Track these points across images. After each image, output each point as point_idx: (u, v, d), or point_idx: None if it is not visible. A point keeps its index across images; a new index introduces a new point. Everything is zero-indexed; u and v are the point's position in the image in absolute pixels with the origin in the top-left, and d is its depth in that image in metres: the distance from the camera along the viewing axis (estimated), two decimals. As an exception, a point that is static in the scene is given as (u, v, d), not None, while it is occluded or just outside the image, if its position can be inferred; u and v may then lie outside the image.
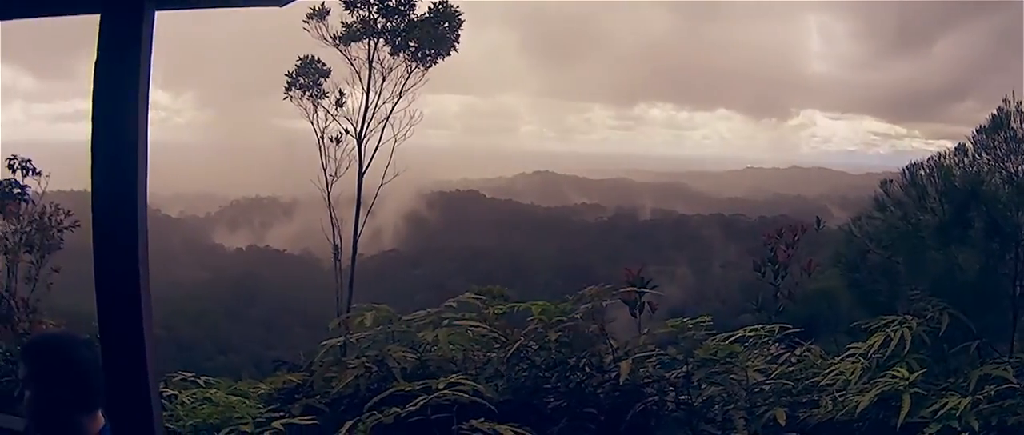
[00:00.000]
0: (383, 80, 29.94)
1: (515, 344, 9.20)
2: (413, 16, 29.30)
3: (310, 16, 29.35)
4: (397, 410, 7.78)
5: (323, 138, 30.92)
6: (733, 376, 8.76)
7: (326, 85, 30.87)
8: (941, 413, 7.68)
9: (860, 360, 8.72)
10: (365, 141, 30.45)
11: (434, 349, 9.27)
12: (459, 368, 9.23)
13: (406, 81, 30.11)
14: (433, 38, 29.23)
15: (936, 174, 10.62)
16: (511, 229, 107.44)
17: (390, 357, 8.87)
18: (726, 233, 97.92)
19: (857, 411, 8.02)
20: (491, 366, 9.49)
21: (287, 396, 9.53)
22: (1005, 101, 10.44)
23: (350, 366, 9.05)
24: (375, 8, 29.25)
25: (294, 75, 30.61)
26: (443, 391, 7.84)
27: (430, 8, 29.36)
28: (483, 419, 7.75)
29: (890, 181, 11.18)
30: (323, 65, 30.57)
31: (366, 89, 30.08)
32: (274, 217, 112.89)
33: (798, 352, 9.37)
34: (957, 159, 10.69)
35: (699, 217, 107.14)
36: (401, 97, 30.12)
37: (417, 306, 10.39)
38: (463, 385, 7.98)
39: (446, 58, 30.23)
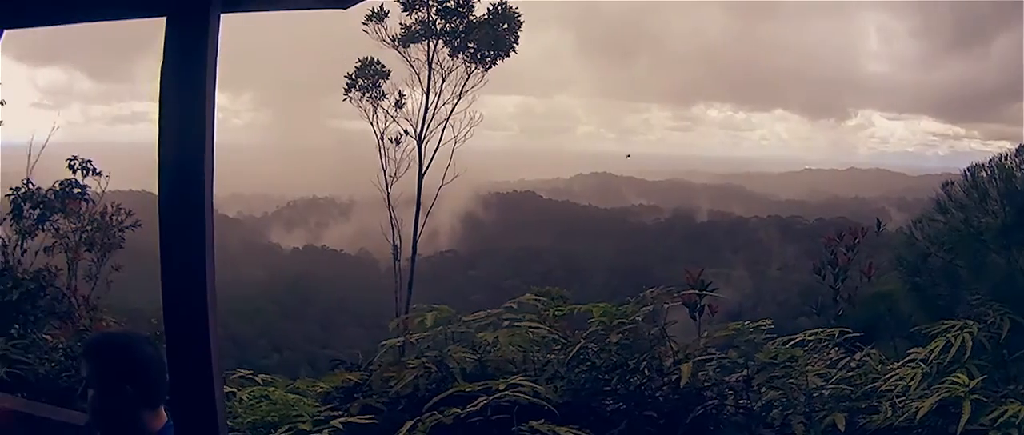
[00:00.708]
0: (442, 81, 29.95)
1: (576, 346, 9.16)
2: (472, 17, 29.27)
3: (369, 18, 29.38)
4: (457, 410, 7.76)
5: (383, 139, 31.00)
6: (792, 380, 8.66)
7: (385, 87, 30.98)
8: (1001, 420, 7.55)
9: (920, 365, 8.59)
10: (425, 142, 30.50)
11: (494, 350, 9.26)
12: (518, 369, 9.21)
13: (466, 82, 30.10)
14: (492, 39, 29.18)
15: (998, 176, 10.47)
16: (568, 230, 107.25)
17: (450, 358, 8.86)
18: (783, 235, 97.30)
19: (917, 417, 7.91)
20: (550, 368, 9.45)
21: (345, 395, 9.56)
22: (1066, 101, 10.26)
23: (410, 366, 9.06)
24: (433, 10, 29.25)
25: (353, 77, 30.67)
26: (504, 392, 7.81)
27: (489, 9, 29.32)
28: (543, 421, 7.73)
29: (951, 183, 11.05)
30: (382, 67, 30.61)
31: (425, 90, 30.10)
32: (330, 217, 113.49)
33: (858, 357, 9.24)
34: (1018, 160, 10.54)
35: (756, 219, 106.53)
36: (461, 98, 30.11)
37: (473, 307, 10.40)
38: (523, 386, 7.95)
39: (505, 59, 30.19)
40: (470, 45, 29.49)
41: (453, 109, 30.72)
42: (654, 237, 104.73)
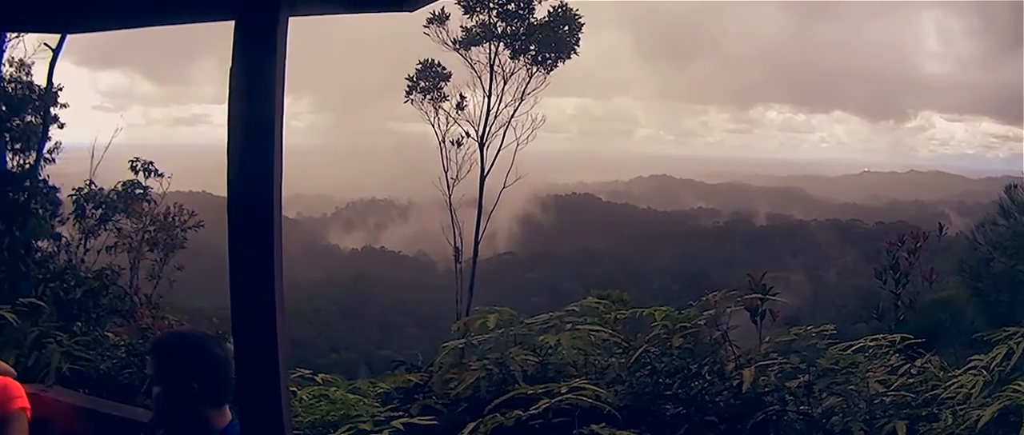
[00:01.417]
0: (504, 84, 29.98)
1: (639, 349, 9.11)
2: (532, 20, 29.28)
3: (430, 21, 29.50)
4: (519, 413, 7.75)
5: (444, 141, 31.06)
6: (853, 387, 8.56)
7: (446, 89, 31.06)
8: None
9: (982, 373, 8.46)
10: (487, 145, 30.54)
11: (555, 353, 9.24)
12: (579, 372, 9.18)
13: (527, 85, 30.10)
14: (553, 41, 29.18)
15: (1061, 179, 10.31)
16: (626, 233, 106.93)
17: (512, 360, 8.85)
18: (842, 239, 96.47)
19: (978, 426, 7.76)
20: (611, 371, 9.41)
21: (405, 396, 9.57)
22: None
23: (471, 367, 9.05)
24: (494, 12, 29.29)
25: (414, 79, 30.78)
26: (566, 395, 7.80)
27: (549, 11, 29.32)
28: (604, 425, 7.70)
29: (1014, 186, 10.91)
30: (443, 69, 30.69)
31: (487, 93, 30.13)
32: (389, 219, 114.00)
33: (918, 363, 9.13)
34: (1083, 163, 10.38)
35: (815, 222, 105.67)
36: (522, 101, 30.12)
37: (531, 309, 10.39)
38: (585, 390, 7.93)
39: (565, 61, 30.17)
40: (531, 47, 29.51)
41: (515, 112, 30.79)
42: (712, 240, 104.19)
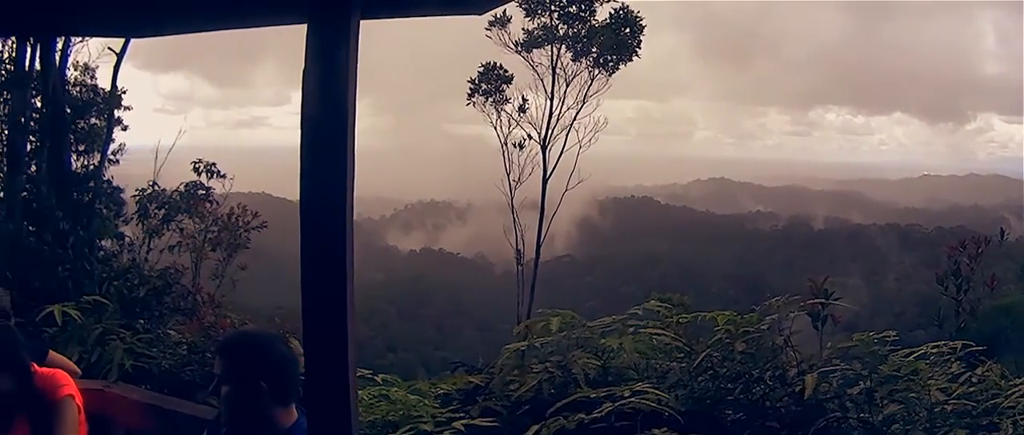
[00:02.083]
0: (566, 86, 29.98)
1: (702, 354, 9.08)
2: (594, 22, 29.22)
3: (492, 23, 29.52)
4: (582, 416, 7.77)
5: (506, 144, 31.10)
6: (914, 394, 8.49)
7: (507, 91, 31.09)
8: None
9: (1043, 382, 8.38)
10: (549, 147, 30.56)
11: (617, 356, 9.23)
12: (640, 376, 9.17)
13: (589, 87, 30.07)
14: (614, 44, 29.10)
15: None
16: (684, 236, 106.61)
17: (574, 363, 8.85)
18: (902, 244, 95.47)
19: (1038, 436, 7.73)
20: (672, 375, 9.39)
21: (466, 397, 9.60)
22: None
23: (533, 370, 9.06)
24: (556, 15, 29.27)
25: (477, 81, 30.81)
26: (629, 399, 7.80)
27: (611, 13, 29.25)
28: (665, 429, 7.69)
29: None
30: (505, 71, 30.71)
31: (550, 95, 30.14)
32: (448, 221, 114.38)
33: (979, 372, 9.03)
34: None
35: (875, 227, 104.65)
36: (585, 103, 30.10)
37: (589, 313, 10.38)
38: (648, 394, 7.92)
39: (627, 63, 30.09)
40: (593, 50, 29.47)
41: (577, 114, 30.79)
42: (771, 244, 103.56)
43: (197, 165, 23.48)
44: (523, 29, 30.05)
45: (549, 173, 31.18)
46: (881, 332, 9.10)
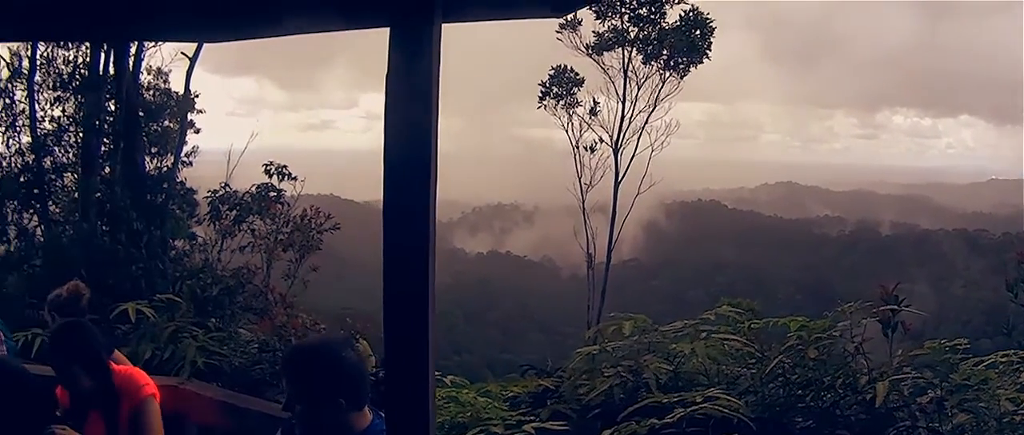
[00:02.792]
0: (638, 89, 29.95)
1: (775, 360, 9.00)
2: (664, 24, 29.15)
3: (563, 26, 29.57)
4: (653, 421, 7.71)
5: (578, 147, 31.12)
6: (983, 404, 8.36)
7: (579, 94, 31.10)
8: None
9: (1114, 394, 8.22)
10: (621, 150, 30.54)
11: (687, 361, 9.17)
12: (710, 382, 9.10)
13: (660, 90, 30.02)
14: (685, 46, 29.01)
15: None
16: (752, 241, 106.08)
17: (646, 367, 8.81)
18: (969, 250, 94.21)
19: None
20: (742, 381, 9.32)
21: (535, 400, 9.59)
22: None
23: (605, 374, 9.03)
24: (626, 17, 29.23)
25: (548, 84, 30.85)
26: (701, 405, 7.74)
27: (681, 16, 29.17)
28: (736, 435, 7.64)
29: None
30: (576, 74, 30.74)
31: (622, 98, 30.12)
32: (515, 224, 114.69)
33: (1047, 382, 8.88)
34: None
35: (942, 232, 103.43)
36: (656, 106, 30.06)
37: (655, 317, 10.27)
38: (720, 400, 7.86)
39: (698, 66, 30.01)
40: (663, 52, 29.37)
41: (648, 117, 30.74)
42: (837, 250, 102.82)
43: (268, 167, 23.69)
44: (593, 32, 30.07)
45: (621, 177, 31.15)
46: (952, 340, 8.98)
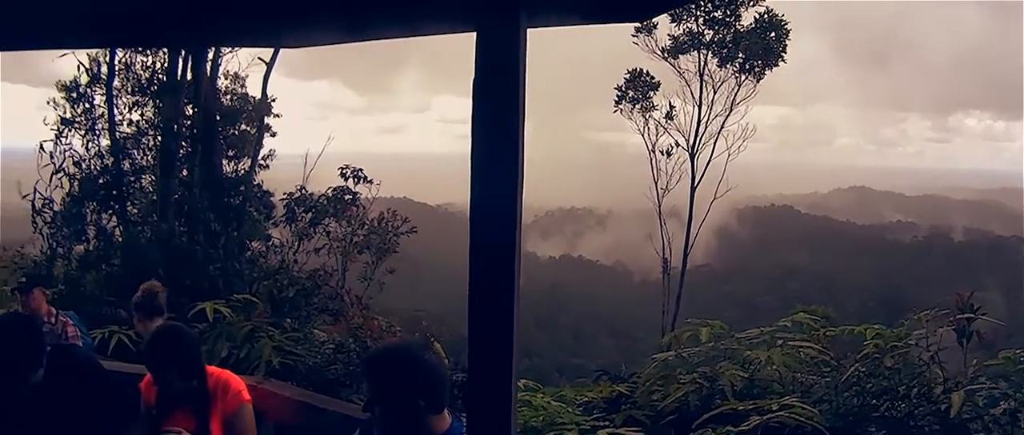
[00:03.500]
0: (714, 93, 29.84)
1: (850, 368, 8.91)
2: (739, 27, 28.97)
3: (639, 29, 29.49)
4: (729, 429, 7.68)
5: (654, 151, 31.07)
6: (1055, 417, 8.22)
7: (655, 98, 31.03)
8: None
9: None
10: (697, 155, 30.44)
11: (764, 368, 9.12)
12: (785, 389, 9.04)
13: (736, 93, 29.87)
14: (760, 49, 28.81)
15: None
16: (824, 247, 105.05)
17: (722, 374, 8.77)
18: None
19: None
20: (817, 390, 9.24)
21: (610, 406, 9.59)
22: None
23: (681, 381, 9.00)
24: (701, 20, 29.10)
25: (623, 88, 30.80)
26: (777, 413, 7.69)
27: (756, 18, 28.97)
28: (810, 443, 7.58)
29: None
30: (652, 78, 30.67)
31: (698, 102, 30.02)
32: (587, 227, 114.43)
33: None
34: None
35: (1015, 238, 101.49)
36: (732, 110, 29.91)
37: (727, 323, 10.23)
38: (795, 408, 7.80)
39: (773, 69, 29.81)
40: (738, 55, 29.20)
41: (725, 121, 30.62)
42: (910, 256, 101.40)
43: (344, 170, 23.90)
44: (669, 35, 29.97)
45: (697, 181, 31.05)
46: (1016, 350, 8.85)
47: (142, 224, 22.12)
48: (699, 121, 30.50)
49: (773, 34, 29.07)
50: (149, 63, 23.20)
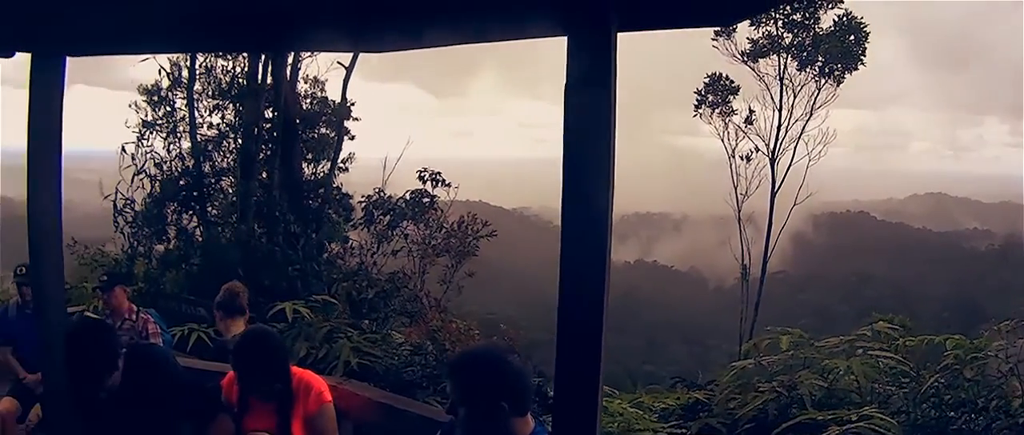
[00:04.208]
0: (794, 97, 29.62)
1: (930, 379, 8.80)
2: (818, 29, 28.73)
3: (718, 34, 29.34)
4: (807, 438, 7.64)
5: (734, 156, 30.90)
6: None
7: (734, 103, 30.88)
8: None
9: None
10: (777, 160, 30.25)
11: (841, 378, 9.03)
12: (862, 400, 8.94)
13: (816, 97, 29.62)
14: (839, 52, 28.54)
15: None
16: (900, 255, 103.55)
17: (802, 384, 8.69)
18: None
19: None
20: (895, 401, 9.13)
21: (687, 413, 9.56)
22: None
23: (760, 389, 8.94)
24: (780, 23, 28.89)
25: (703, 92, 30.67)
26: (857, 423, 7.62)
27: (834, 21, 28.70)
28: (889, 457, 7.50)
29: None
30: (731, 82, 30.51)
31: (778, 106, 29.81)
32: (662, 232, 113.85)
33: None
34: None
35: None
36: (812, 114, 29.67)
37: (802, 331, 10.16)
38: (875, 419, 7.72)
39: (852, 72, 29.53)
40: (818, 58, 28.93)
41: (805, 125, 30.40)
42: (986, 265, 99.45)
43: (422, 173, 24.03)
44: (747, 38, 29.79)
45: (777, 187, 30.85)
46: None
47: (222, 225, 22.43)
48: (779, 125, 30.33)
49: (852, 37, 28.76)
50: (229, 67, 23.54)
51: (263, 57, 22.20)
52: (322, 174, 25.05)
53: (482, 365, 4.51)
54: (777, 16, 28.54)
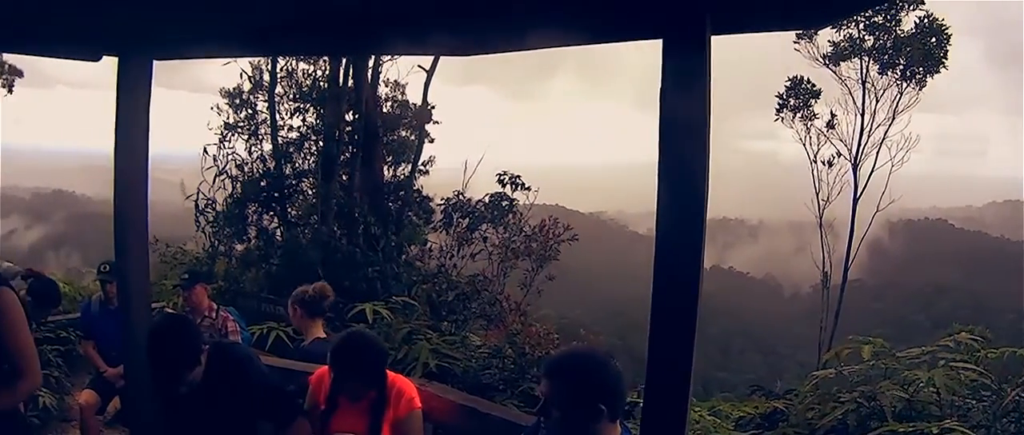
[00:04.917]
0: (877, 101, 29.31)
1: (1011, 393, 8.66)
2: (899, 32, 28.38)
3: (800, 37, 29.13)
4: (889, 450, 7.55)
5: (816, 161, 30.64)
6: None
7: (815, 106, 30.62)
8: None
9: None
10: (860, 165, 29.95)
11: (922, 390, 8.91)
12: (942, 413, 8.82)
13: (898, 101, 29.27)
14: (921, 55, 28.17)
15: None
16: (977, 264, 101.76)
17: (883, 394, 8.60)
18: None
19: None
20: (974, 414, 8.99)
21: (766, 422, 9.50)
22: None
23: (840, 399, 8.86)
24: (861, 25, 28.58)
25: (784, 96, 30.44)
26: (937, 437, 7.52)
27: (916, 23, 28.33)
28: (967, 472, 7.40)
29: None
30: (813, 86, 30.24)
31: (860, 110, 29.52)
32: (738, 238, 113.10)
33: None
34: None
35: None
36: (894, 119, 29.33)
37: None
38: (956, 433, 7.61)
39: (934, 76, 29.15)
40: (899, 61, 28.59)
41: (887, 130, 30.05)
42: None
43: (502, 177, 24.05)
44: (829, 41, 29.48)
45: (859, 193, 30.55)
46: None
47: (302, 226, 22.67)
48: (862, 130, 30.00)
49: (934, 39, 28.35)
50: (310, 71, 23.79)
51: (344, 60, 22.41)
52: (402, 176, 25.49)
53: (585, 367, 4.49)
54: (859, 18, 28.17)
